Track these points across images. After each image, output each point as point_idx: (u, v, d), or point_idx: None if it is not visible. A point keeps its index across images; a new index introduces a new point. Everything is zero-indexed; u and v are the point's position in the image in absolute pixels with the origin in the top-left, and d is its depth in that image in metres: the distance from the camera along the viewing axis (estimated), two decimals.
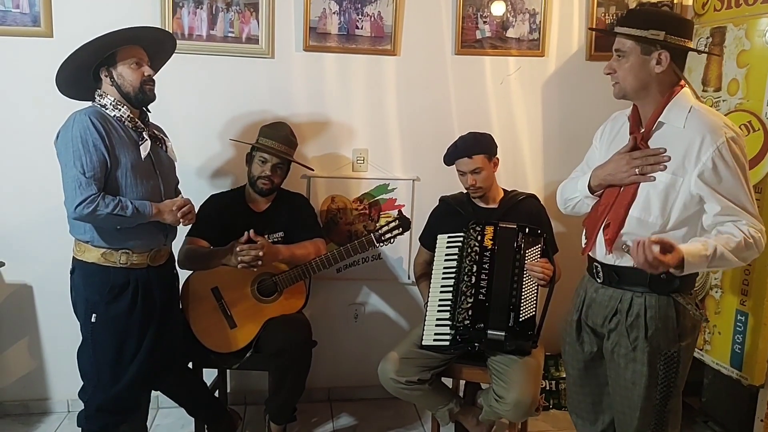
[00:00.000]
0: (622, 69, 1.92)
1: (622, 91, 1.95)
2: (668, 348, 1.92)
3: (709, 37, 2.87)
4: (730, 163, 1.81)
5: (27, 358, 3.16)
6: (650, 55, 1.88)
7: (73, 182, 2.16)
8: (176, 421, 3.12)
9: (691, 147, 1.84)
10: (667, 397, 1.96)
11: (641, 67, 1.89)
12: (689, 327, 1.94)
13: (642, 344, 1.93)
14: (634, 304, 1.95)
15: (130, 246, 2.30)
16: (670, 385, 1.95)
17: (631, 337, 1.95)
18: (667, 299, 1.92)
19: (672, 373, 1.94)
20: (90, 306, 2.31)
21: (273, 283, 2.76)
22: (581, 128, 3.20)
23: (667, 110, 1.90)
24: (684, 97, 1.91)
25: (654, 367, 1.93)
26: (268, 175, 2.78)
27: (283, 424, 2.85)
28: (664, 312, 1.92)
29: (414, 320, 3.27)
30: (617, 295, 1.99)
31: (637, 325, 1.93)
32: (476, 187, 2.74)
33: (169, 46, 2.51)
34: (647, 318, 1.92)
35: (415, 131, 3.24)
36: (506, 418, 2.60)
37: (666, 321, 1.91)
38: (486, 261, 2.53)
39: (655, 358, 1.93)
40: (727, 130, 1.83)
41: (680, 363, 1.94)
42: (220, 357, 2.75)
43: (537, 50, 3.25)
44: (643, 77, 1.90)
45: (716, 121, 1.85)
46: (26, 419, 3.14)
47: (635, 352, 1.95)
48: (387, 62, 3.17)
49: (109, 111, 2.29)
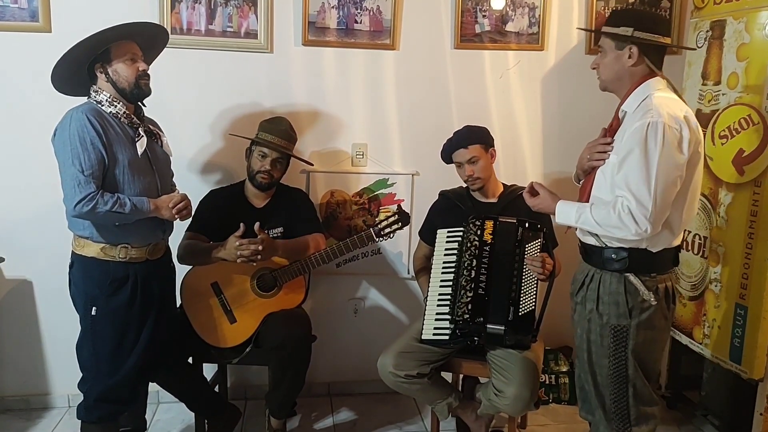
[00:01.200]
0: (602, 64, 2.11)
1: (603, 83, 2.14)
2: (618, 321, 2.05)
3: (709, 31, 2.86)
4: (639, 142, 1.92)
5: (27, 354, 3.17)
6: (623, 50, 2.05)
7: (72, 180, 2.17)
8: (176, 416, 3.12)
9: (627, 129, 1.98)
10: (620, 368, 2.07)
11: (616, 61, 2.07)
12: (639, 306, 2.04)
13: (595, 316, 2.10)
14: (594, 279, 2.12)
15: (129, 241, 2.33)
16: (619, 357, 2.06)
17: (587, 309, 2.13)
18: (619, 277, 2.05)
19: (621, 347, 2.05)
20: (90, 299, 2.33)
21: (272, 278, 2.76)
22: (581, 122, 3.21)
23: (628, 99, 2.06)
24: (647, 87, 2.04)
25: (604, 338, 2.08)
26: (268, 170, 2.78)
27: (284, 418, 2.86)
28: (615, 287, 2.06)
29: (413, 315, 3.27)
30: (585, 270, 2.18)
31: (592, 298, 2.11)
32: (474, 178, 2.73)
33: (161, 38, 2.51)
34: (600, 292, 2.09)
35: (414, 126, 3.24)
36: (505, 412, 2.60)
37: (616, 296, 2.05)
38: (485, 255, 2.53)
39: (604, 330, 2.08)
40: (657, 115, 1.91)
41: (629, 338, 2.04)
42: (220, 352, 2.75)
43: (536, 44, 3.24)
44: (618, 70, 2.07)
45: (657, 105, 1.95)
46: (27, 414, 3.14)
47: (589, 324, 2.12)
48: (386, 57, 3.16)
49: (105, 107, 2.30)
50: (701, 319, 2.83)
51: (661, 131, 1.89)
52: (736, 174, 2.63)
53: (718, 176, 2.73)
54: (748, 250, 2.57)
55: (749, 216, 2.56)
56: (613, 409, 2.10)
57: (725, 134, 2.69)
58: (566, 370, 3.34)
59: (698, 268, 2.85)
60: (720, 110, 2.75)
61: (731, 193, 2.67)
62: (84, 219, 2.25)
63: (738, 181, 2.62)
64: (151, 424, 2.98)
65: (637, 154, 1.92)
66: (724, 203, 2.71)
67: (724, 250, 2.70)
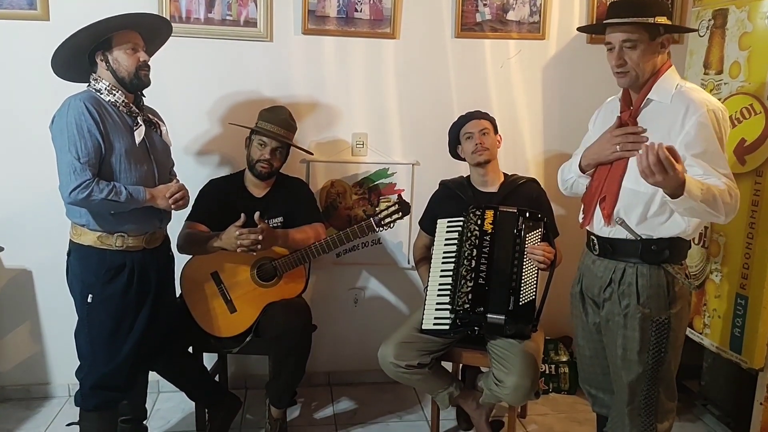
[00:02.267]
0: (633, 58, 1.98)
1: (632, 79, 2.02)
2: (659, 315, 2.01)
3: (711, 20, 2.84)
4: (711, 132, 1.90)
5: (27, 343, 3.17)
6: (656, 40, 1.98)
7: (68, 168, 2.17)
8: (177, 405, 3.13)
9: (675, 118, 1.94)
10: (658, 363, 2.04)
11: (654, 53, 1.99)
12: (679, 295, 2.02)
13: (633, 311, 2.02)
14: (627, 273, 2.04)
15: (126, 229, 2.32)
16: (660, 351, 2.03)
17: (623, 304, 2.04)
18: (658, 269, 2.01)
19: (663, 339, 2.02)
20: (86, 287, 2.33)
21: (273, 267, 2.75)
22: (581, 111, 3.16)
23: (655, 87, 2.01)
24: (671, 75, 2.02)
25: (645, 332, 2.02)
26: (267, 159, 2.77)
27: (284, 407, 2.86)
28: (655, 280, 2.01)
29: (414, 304, 3.27)
30: (611, 266, 2.09)
31: (630, 293, 2.03)
32: (483, 147, 2.71)
33: (165, 31, 2.50)
34: (639, 286, 2.02)
35: (414, 115, 3.23)
36: (506, 401, 2.61)
37: (657, 289, 2.00)
38: (486, 245, 2.52)
39: (646, 324, 2.01)
40: (710, 103, 1.93)
41: (671, 329, 2.01)
42: (220, 341, 2.75)
43: (537, 33, 3.22)
44: (654, 62, 2.00)
45: (700, 95, 1.96)
46: (27, 404, 3.15)
47: (626, 319, 2.04)
48: (386, 45, 3.14)
49: (103, 96, 2.29)
50: (701, 309, 2.83)
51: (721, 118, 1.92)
52: (738, 163, 2.62)
53: None
54: (749, 240, 2.56)
55: (750, 206, 2.56)
56: (643, 404, 2.06)
57: None
58: (566, 359, 3.34)
59: (699, 258, 2.85)
60: (722, 100, 2.74)
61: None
62: (79, 206, 2.25)
63: (739, 170, 2.61)
64: (151, 413, 2.98)
65: (715, 141, 1.90)
66: None
67: (725, 240, 2.70)
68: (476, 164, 2.76)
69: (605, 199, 2.06)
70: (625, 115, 2.05)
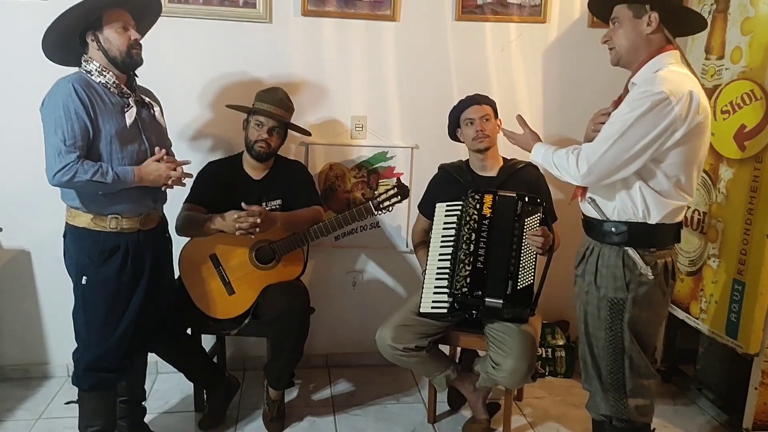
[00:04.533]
0: (617, 35, 2.04)
1: (617, 56, 2.07)
2: (614, 294, 2.05)
3: (713, 4, 2.82)
4: (626, 106, 1.92)
5: (26, 323, 3.18)
6: (641, 18, 1.98)
7: (53, 150, 2.16)
8: (175, 386, 3.14)
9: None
10: (616, 340, 2.07)
11: (633, 29, 2.00)
12: (640, 279, 2.03)
13: (592, 288, 2.10)
14: (593, 252, 2.12)
15: (119, 210, 2.31)
16: (615, 329, 2.06)
17: (586, 280, 2.13)
18: (618, 250, 2.04)
19: (617, 320, 2.06)
20: (81, 268, 2.33)
21: (271, 250, 2.76)
22: (583, 96, 3.19)
23: (640, 71, 2.01)
24: (659, 60, 1.99)
25: (601, 310, 2.08)
26: (265, 138, 2.76)
27: (282, 389, 2.88)
28: (613, 261, 2.05)
29: (412, 288, 3.27)
30: (586, 243, 2.17)
31: (591, 271, 2.11)
32: (484, 134, 2.71)
33: (155, 9, 2.46)
34: (598, 265, 2.09)
35: (414, 98, 3.21)
36: (503, 384, 2.63)
37: (614, 270, 2.05)
38: (484, 229, 2.52)
39: (602, 302, 2.08)
40: (660, 87, 1.87)
41: (625, 311, 2.04)
42: (219, 323, 2.76)
43: (539, 16, 3.20)
44: (634, 39, 2.00)
45: (661, 78, 1.91)
46: (27, 383, 3.16)
47: (587, 296, 2.13)
48: (386, 28, 3.12)
49: (94, 77, 2.27)
50: (698, 294, 2.84)
51: (650, 102, 1.87)
52: (737, 149, 2.62)
53: (719, 152, 2.72)
54: (748, 226, 2.57)
55: (749, 192, 2.56)
56: (609, 379, 2.11)
57: (727, 109, 2.68)
58: (563, 343, 3.36)
59: (697, 244, 2.85)
60: (722, 85, 2.73)
61: (732, 168, 2.66)
62: (65, 188, 2.25)
63: (739, 156, 2.61)
64: (150, 394, 2.99)
65: (619, 113, 1.94)
66: (724, 179, 2.70)
67: (723, 225, 2.70)
68: (476, 150, 2.76)
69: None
70: (618, 99, 2.08)
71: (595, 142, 1.97)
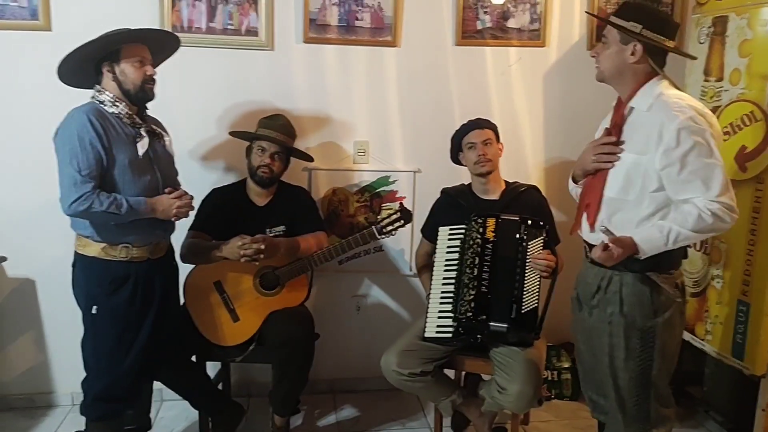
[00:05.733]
0: (603, 54, 2.07)
1: (600, 74, 2.11)
2: (643, 323, 2.02)
3: (711, 27, 2.85)
4: (691, 139, 1.89)
5: (31, 352, 3.17)
6: (627, 45, 2.01)
7: (69, 180, 2.19)
8: (180, 413, 3.13)
9: (653, 127, 1.95)
10: (645, 370, 2.04)
11: (617, 55, 2.03)
12: (664, 305, 2.01)
13: (618, 319, 2.04)
14: (613, 281, 2.06)
15: (130, 240, 2.33)
16: (645, 359, 2.04)
17: (608, 311, 2.07)
18: (642, 277, 2.01)
19: (648, 347, 2.03)
20: (91, 298, 2.34)
21: (275, 276, 2.76)
22: (583, 119, 3.20)
23: (637, 95, 2.03)
24: (654, 85, 2.02)
25: (630, 340, 2.03)
26: (267, 163, 2.78)
27: (287, 416, 2.87)
28: (639, 288, 2.02)
29: (416, 312, 3.27)
30: (600, 273, 2.11)
31: (614, 301, 2.05)
32: (486, 159, 2.72)
33: (172, 46, 2.53)
34: (623, 294, 2.03)
35: (415, 123, 3.24)
36: (509, 409, 2.61)
37: (641, 297, 2.01)
38: (488, 253, 2.53)
39: (630, 332, 2.03)
40: (687, 110, 1.91)
41: (656, 338, 2.02)
42: (223, 350, 2.76)
43: (538, 40, 3.24)
44: (618, 64, 2.03)
45: (677, 102, 1.94)
46: (31, 413, 3.15)
47: (611, 326, 2.06)
48: (387, 54, 3.15)
49: (107, 107, 2.30)
50: (703, 316, 2.84)
51: (701, 126, 1.89)
52: (738, 170, 2.62)
53: None
54: (751, 246, 2.57)
55: (751, 213, 2.56)
56: (634, 411, 2.06)
57: (727, 131, 2.69)
58: (568, 366, 3.35)
59: (700, 265, 2.85)
60: (722, 107, 2.74)
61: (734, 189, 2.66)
62: (79, 218, 2.26)
63: (740, 177, 2.62)
64: (155, 422, 2.98)
65: (693, 151, 1.88)
66: None
67: (726, 246, 2.70)
68: (478, 174, 2.77)
69: (589, 206, 2.11)
70: (611, 124, 2.09)
71: (712, 186, 1.90)
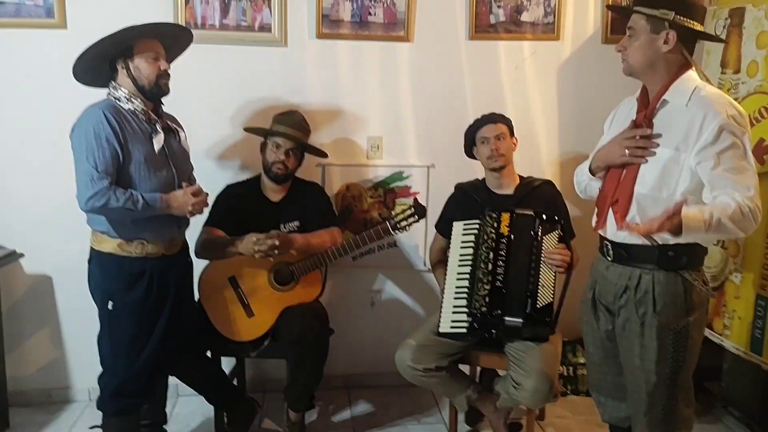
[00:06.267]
0: (632, 46, 1.98)
1: (629, 68, 2.02)
2: (677, 323, 1.95)
3: (728, 19, 2.82)
4: (730, 138, 1.84)
5: (48, 348, 3.20)
6: (659, 34, 1.93)
7: (85, 176, 2.20)
8: (196, 408, 3.14)
9: (693, 123, 1.88)
10: (677, 371, 1.99)
11: (649, 45, 1.95)
12: (697, 302, 1.97)
13: (650, 319, 1.97)
14: (643, 280, 1.98)
15: (145, 236, 2.34)
16: (679, 360, 1.98)
17: (640, 312, 1.99)
18: (675, 276, 1.95)
19: (681, 348, 1.97)
20: (107, 294, 2.36)
21: (289, 271, 2.77)
22: (597, 113, 3.14)
23: (672, 88, 1.96)
24: (689, 77, 1.96)
25: (663, 341, 1.96)
26: (282, 160, 2.78)
27: (302, 411, 2.88)
28: (672, 288, 1.95)
29: (430, 307, 3.26)
30: (627, 273, 2.02)
31: (646, 301, 1.97)
32: (499, 153, 2.71)
33: (185, 40, 2.54)
34: (656, 294, 1.96)
35: (429, 118, 3.23)
36: (524, 404, 2.60)
37: (674, 296, 1.95)
38: (502, 248, 2.52)
39: (663, 332, 1.96)
40: (729, 108, 1.87)
41: (689, 337, 1.97)
42: (238, 345, 2.77)
43: (552, 34, 3.21)
44: (650, 55, 1.95)
45: (718, 99, 1.90)
46: (49, 408, 3.18)
47: (643, 328, 1.98)
48: (400, 49, 3.15)
49: (123, 104, 2.31)
50: (721, 310, 2.81)
51: (741, 123, 1.86)
52: (757, 164, 2.59)
53: None
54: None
55: None
56: (662, 414, 2.01)
57: None
58: (584, 361, 3.32)
59: (718, 259, 2.82)
60: (740, 99, 2.71)
61: None
62: (95, 214, 2.27)
63: (759, 170, 2.57)
64: (170, 418, 2.99)
65: (733, 148, 1.84)
66: None
67: (744, 241, 2.67)
68: (491, 169, 2.76)
69: (618, 203, 2.00)
70: (640, 117, 2.00)
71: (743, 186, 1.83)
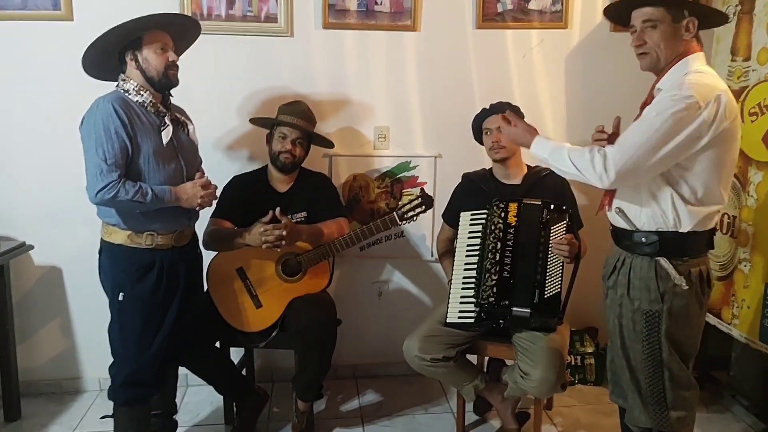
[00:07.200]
0: (653, 39, 1.94)
1: (653, 62, 1.97)
2: (649, 307, 2.00)
3: (738, 5, 2.79)
4: (653, 109, 1.87)
5: (59, 339, 3.23)
6: (681, 22, 1.92)
7: (95, 168, 2.20)
8: (205, 398, 3.17)
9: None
10: (652, 353, 2.02)
11: (674, 35, 1.93)
12: (673, 290, 1.98)
13: (625, 300, 2.05)
14: (625, 263, 2.06)
15: (155, 228, 2.35)
16: (653, 342, 2.01)
17: (618, 293, 2.08)
18: (650, 261, 1.99)
19: (654, 331, 2.00)
20: (117, 285, 2.37)
21: (297, 262, 2.77)
22: (606, 102, 3.16)
23: (666, 76, 1.95)
24: (687, 62, 1.93)
25: (637, 323, 2.03)
26: (289, 149, 2.79)
27: (310, 401, 2.89)
28: (645, 272, 2.00)
29: (438, 297, 3.27)
30: (617, 254, 2.12)
31: (623, 283, 2.05)
32: (499, 145, 2.69)
33: (194, 32, 2.53)
34: (631, 277, 2.03)
35: (436, 108, 3.22)
36: (532, 394, 2.60)
37: (647, 281, 1.99)
38: (510, 238, 2.51)
39: (636, 315, 2.03)
40: (689, 91, 1.82)
41: (661, 322, 1.99)
42: (247, 336, 2.78)
43: (560, 22, 3.19)
44: (674, 43, 1.93)
45: (690, 82, 1.85)
46: (60, 398, 3.21)
47: (621, 308, 2.07)
48: (407, 38, 3.13)
49: (131, 96, 2.31)
50: (730, 299, 2.80)
51: (678, 106, 1.82)
52: (767, 152, 2.57)
53: (748, 154, 2.68)
54: None
55: None
56: (649, 392, 2.05)
57: (755, 111, 2.64)
58: (592, 351, 3.33)
59: (727, 248, 2.81)
60: (750, 87, 2.69)
61: (761, 171, 2.62)
62: (105, 206, 2.29)
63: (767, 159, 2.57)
64: (180, 407, 3.02)
65: (647, 117, 1.88)
66: (753, 182, 2.66)
67: (753, 229, 2.66)
68: (494, 160, 2.76)
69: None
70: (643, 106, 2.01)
71: (621, 145, 1.89)
